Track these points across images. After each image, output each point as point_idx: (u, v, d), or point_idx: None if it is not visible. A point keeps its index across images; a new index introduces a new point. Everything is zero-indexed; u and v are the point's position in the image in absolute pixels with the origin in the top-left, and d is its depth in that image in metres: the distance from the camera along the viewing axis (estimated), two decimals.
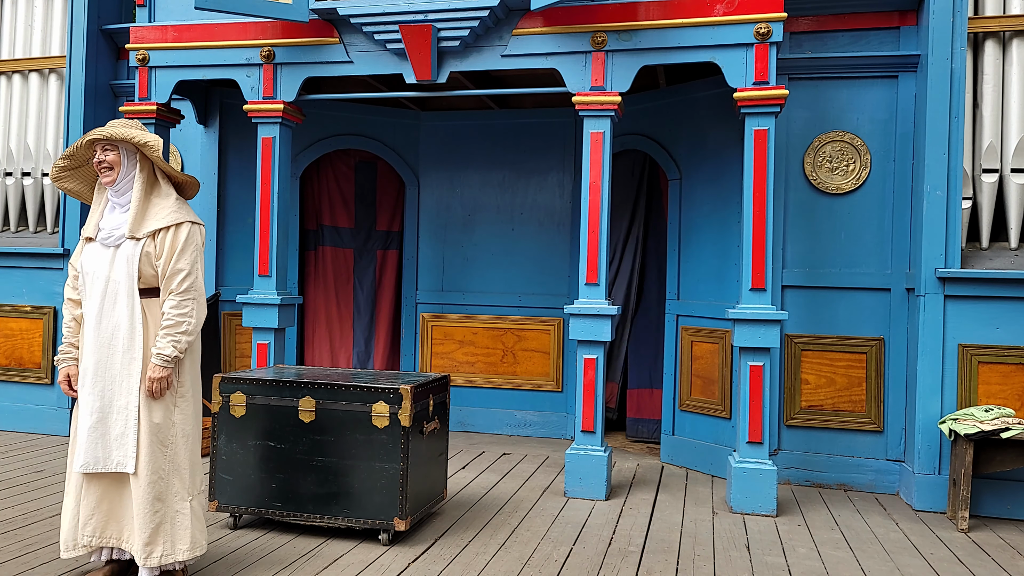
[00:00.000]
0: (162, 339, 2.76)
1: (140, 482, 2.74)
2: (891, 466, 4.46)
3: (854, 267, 4.56)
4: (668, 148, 5.20)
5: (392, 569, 3.12)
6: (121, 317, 2.77)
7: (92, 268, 2.81)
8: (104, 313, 2.77)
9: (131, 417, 2.74)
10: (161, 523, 2.76)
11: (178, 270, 2.79)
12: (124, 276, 2.77)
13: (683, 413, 5.05)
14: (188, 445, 2.86)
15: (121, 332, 2.77)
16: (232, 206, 5.76)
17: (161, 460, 2.78)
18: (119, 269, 2.78)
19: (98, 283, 2.79)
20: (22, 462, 4.67)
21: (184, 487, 2.82)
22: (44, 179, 5.68)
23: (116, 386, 2.76)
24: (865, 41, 4.56)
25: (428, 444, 3.61)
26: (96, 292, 2.79)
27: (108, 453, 2.74)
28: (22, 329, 5.59)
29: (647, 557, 3.34)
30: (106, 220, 2.86)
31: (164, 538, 2.76)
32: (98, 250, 2.82)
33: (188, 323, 2.79)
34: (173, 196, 2.91)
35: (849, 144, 4.57)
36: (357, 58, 4.56)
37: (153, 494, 2.75)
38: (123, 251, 2.79)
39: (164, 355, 2.74)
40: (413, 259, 6.10)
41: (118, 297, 2.78)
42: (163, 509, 2.76)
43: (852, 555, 3.44)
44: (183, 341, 2.78)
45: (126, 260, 2.77)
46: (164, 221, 2.81)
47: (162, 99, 4.86)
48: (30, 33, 5.78)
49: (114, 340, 2.77)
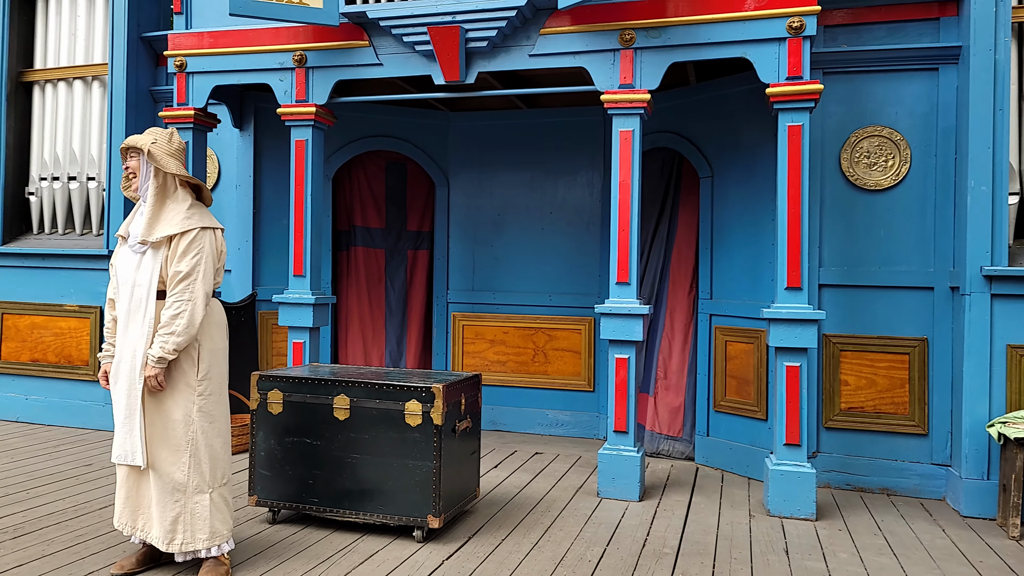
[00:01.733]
0: (156, 340, 2.84)
1: (156, 475, 2.88)
2: (936, 470, 4.35)
3: (894, 265, 4.46)
4: (699, 145, 5.14)
5: (426, 566, 3.14)
6: (140, 319, 2.91)
7: (122, 272, 2.95)
8: (131, 315, 2.90)
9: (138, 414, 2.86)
10: (180, 513, 2.87)
11: (177, 272, 2.86)
12: (146, 281, 2.90)
13: (717, 414, 4.99)
14: (208, 439, 2.93)
15: (140, 334, 2.91)
16: (267, 208, 5.86)
17: (180, 454, 2.88)
18: (143, 274, 2.90)
19: (126, 286, 2.92)
20: (72, 456, 4.82)
21: (204, 480, 2.91)
22: (89, 183, 5.85)
23: (136, 383, 2.88)
24: (903, 33, 4.46)
25: (460, 442, 3.62)
26: (124, 295, 2.92)
27: (131, 447, 2.88)
28: (70, 328, 5.76)
29: (682, 559, 3.31)
30: (134, 226, 2.97)
31: (184, 527, 2.87)
32: (127, 254, 2.95)
33: (178, 324, 2.83)
34: (188, 202, 2.97)
35: (888, 139, 4.46)
36: (387, 60, 4.60)
37: (171, 486, 2.86)
38: (147, 257, 2.91)
39: (152, 355, 2.82)
40: (444, 259, 6.13)
41: (142, 300, 2.90)
42: (182, 499, 2.88)
43: (896, 561, 3.36)
44: (172, 342, 2.82)
45: (149, 266, 2.89)
46: (175, 228, 2.88)
47: (199, 104, 4.96)
48: (74, 42, 5.96)
49: (140, 342, 2.90)
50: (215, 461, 2.95)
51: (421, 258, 6.29)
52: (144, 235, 2.87)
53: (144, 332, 2.86)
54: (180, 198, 2.96)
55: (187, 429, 2.89)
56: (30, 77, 6.04)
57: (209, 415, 2.95)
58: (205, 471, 2.91)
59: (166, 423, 2.88)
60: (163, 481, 2.87)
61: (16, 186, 6.04)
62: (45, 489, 4.09)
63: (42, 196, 5.95)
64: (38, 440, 5.24)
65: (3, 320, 5.90)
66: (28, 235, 6.06)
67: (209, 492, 2.91)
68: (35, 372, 5.83)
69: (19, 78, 6.04)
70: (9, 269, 5.91)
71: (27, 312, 5.86)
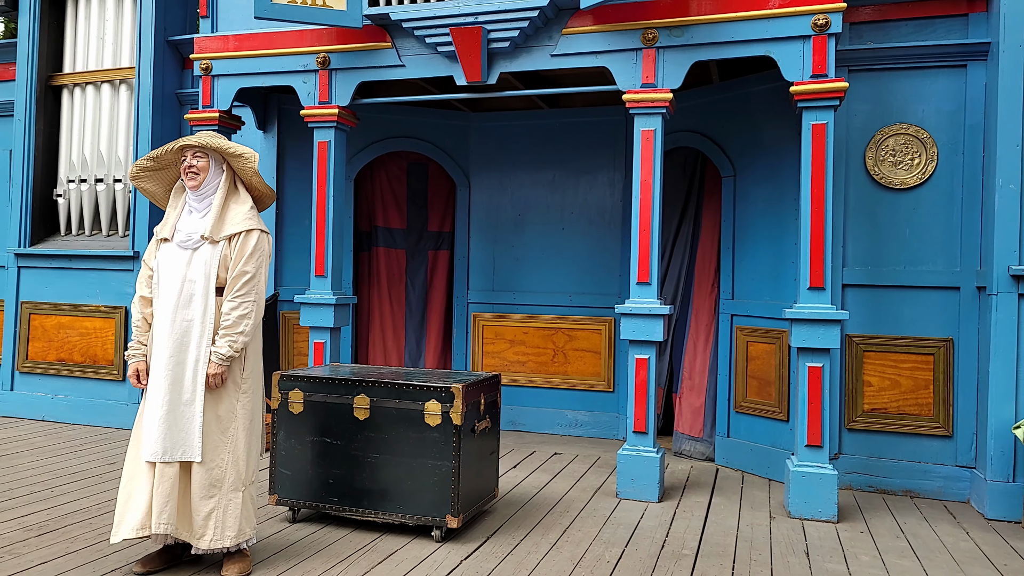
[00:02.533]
0: (220, 339, 2.92)
1: (200, 469, 2.89)
2: (961, 472, 4.28)
3: (920, 265, 4.40)
4: (722, 145, 5.10)
5: (445, 566, 3.15)
6: (195, 315, 2.93)
7: (168, 268, 2.97)
8: (178, 311, 2.93)
9: (197, 409, 2.89)
10: (213, 509, 2.90)
11: (244, 272, 2.96)
12: (201, 277, 2.94)
13: (738, 415, 4.95)
14: (247, 437, 3.00)
15: (194, 329, 2.93)
16: (290, 209, 5.91)
17: (222, 450, 2.93)
18: (196, 270, 2.94)
19: (174, 283, 2.94)
20: (96, 455, 4.90)
21: (239, 477, 2.96)
22: (116, 185, 5.94)
23: (186, 380, 2.90)
24: (931, 30, 4.39)
25: (479, 442, 3.63)
26: (172, 291, 2.94)
27: (176, 443, 2.87)
28: (96, 328, 5.85)
29: (701, 561, 3.29)
30: (184, 223, 3.01)
31: (215, 524, 2.90)
32: (175, 251, 2.98)
33: (246, 324, 2.94)
34: (249, 204, 3.08)
35: (914, 137, 4.40)
36: (409, 61, 4.62)
37: (210, 481, 2.90)
38: (201, 254, 2.95)
39: (221, 354, 2.90)
40: (464, 259, 6.15)
41: (193, 297, 2.93)
42: (217, 495, 2.91)
43: (919, 564, 3.31)
44: (239, 341, 2.93)
45: (204, 262, 2.94)
46: (239, 226, 2.98)
47: (224, 106, 5.02)
48: (102, 46, 6.06)
49: (186, 337, 2.92)
50: (250, 459, 3.01)
51: (442, 258, 6.31)
52: (212, 233, 2.94)
53: (202, 328, 2.91)
54: (242, 199, 3.07)
55: (230, 426, 2.96)
56: (59, 81, 6.15)
57: (249, 413, 3.02)
58: (241, 468, 2.97)
59: (210, 419, 2.93)
60: (202, 477, 2.89)
61: (45, 188, 6.15)
62: (69, 487, 4.16)
63: (69, 198, 6.06)
64: (63, 439, 5.33)
65: (30, 320, 6.01)
66: (55, 236, 6.17)
67: (243, 490, 2.96)
68: (61, 371, 5.93)
69: (48, 82, 6.16)
70: (37, 270, 6.02)
71: (53, 312, 5.96)
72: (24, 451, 4.93)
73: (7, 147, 6.42)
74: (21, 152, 6.03)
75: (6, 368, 6.06)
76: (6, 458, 4.74)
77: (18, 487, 4.11)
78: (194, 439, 2.88)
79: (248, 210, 3.05)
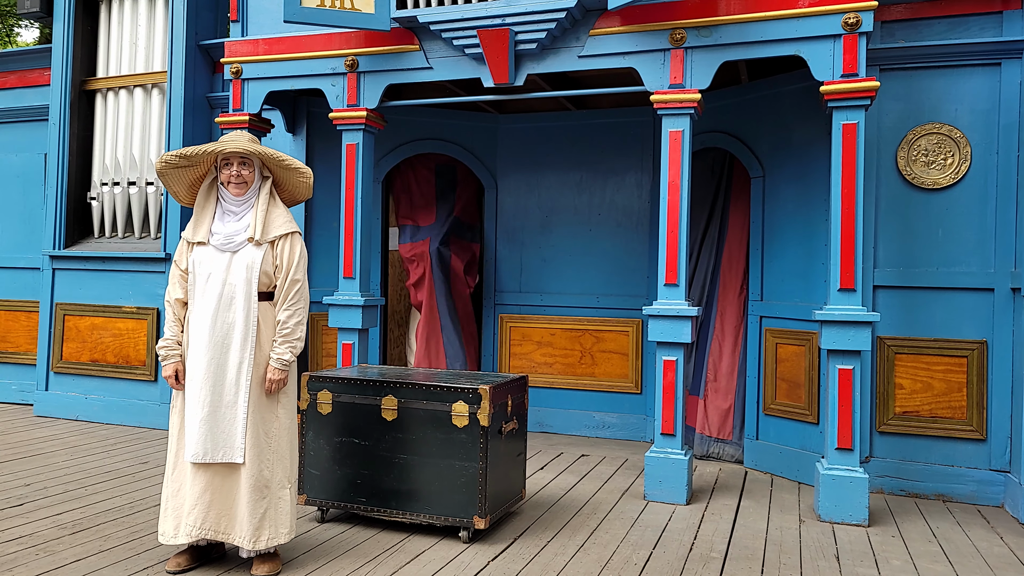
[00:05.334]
0: (280, 345, 3.00)
1: (248, 471, 2.93)
2: (995, 476, 4.21)
3: (953, 266, 4.33)
4: (750, 145, 5.06)
5: (472, 567, 3.16)
6: (236, 317, 2.97)
7: (207, 271, 3.00)
8: (219, 314, 2.96)
9: (241, 411, 2.94)
10: (267, 509, 2.96)
11: (295, 280, 3.04)
12: (243, 280, 2.98)
13: (767, 417, 4.91)
14: (289, 436, 3.07)
15: (236, 331, 2.97)
16: (319, 211, 5.97)
17: (267, 450, 2.98)
18: (237, 273, 2.98)
19: (214, 285, 2.97)
20: (128, 454, 4.98)
21: (285, 475, 3.02)
22: (148, 188, 6.04)
23: (228, 382, 2.95)
24: (964, 28, 4.32)
25: (507, 444, 3.64)
26: (212, 293, 2.97)
27: (217, 444, 2.92)
28: (128, 329, 5.95)
29: (730, 564, 3.27)
30: (220, 226, 3.04)
31: (270, 523, 2.96)
32: (213, 254, 3.01)
33: (301, 330, 3.06)
34: (283, 207, 3.16)
35: (947, 136, 4.34)
36: (436, 64, 4.65)
37: (261, 482, 2.95)
38: (243, 256, 2.99)
39: (284, 360, 2.99)
40: (492, 260, 6.16)
41: (234, 299, 2.97)
42: (268, 495, 2.96)
43: (952, 569, 3.26)
44: (298, 347, 3.04)
45: (246, 265, 2.98)
46: (282, 228, 3.07)
47: (254, 109, 5.09)
48: (134, 51, 6.17)
49: (227, 339, 2.96)
50: (292, 457, 3.09)
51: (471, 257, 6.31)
52: (260, 236, 3.00)
53: (245, 331, 2.96)
54: (278, 202, 3.15)
55: (272, 426, 3.02)
56: (93, 85, 6.27)
57: (290, 413, 3.10)
58: (287, 466, 3.04)
59: (256, 421, 2.97)
60: (254, 479, 2.93)
61: (79, 191, 6.27)
62: (103, 486, 4.23)
63: (103, 201, 6.16)
64: (96, 438, 5.42)
65: (64, 321, 6.13)
66: (89, 239, 6.28)
67: (288, 487, 3.03)
68: (94, 372, 6.03)
69: (82, 86, 6.28)
70: (71, 272, 6.14)
71: (87, 313, 6.08)
72: (59, 450, 5.03)
73: (42, 151, 6.56)
74: (56, 156, 6.16)
75: (41, 368, 6.19)
76: (41, 457, 4.84)
77: (53, 486, 4.20)
78: (236, 440, 2.92)
79: (286, 212, 3.13)
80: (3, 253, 6.74)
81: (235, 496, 2.95)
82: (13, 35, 14.72)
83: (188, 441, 2.93)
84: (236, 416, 2.93)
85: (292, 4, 4.45)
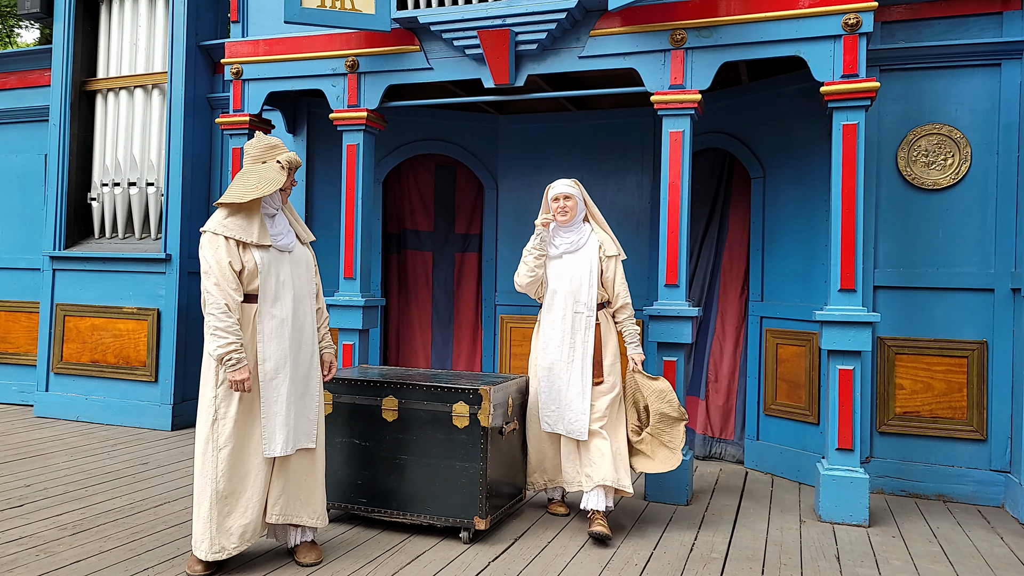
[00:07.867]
0: (327, 334, 3.32)
1: (319, 455, 3.18)
2: (995, 477, 4.21)
3: (953, 266, 4.33)
4: (751, 145, 5.07)
5: (473, 567, 3.16)
6: (307, 315, 3.15)
7: (277, 271, 3.05)
8: (296, 312, 3.09)
9: (311, 400, 3.15)
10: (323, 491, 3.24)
11: (319, 282, 3.32)
12: (307, 279, 3.17)
13: (767, 418, 4.91)
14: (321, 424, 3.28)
15: (307, 327, 3.15)
16: (319, 211, 5.97)
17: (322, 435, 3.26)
18: (301, 272, 3.15)
19: (286, 285, 3.08)
20: (129, 455, 4.98)
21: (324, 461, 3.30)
22: (149, 188, 6.04)
23: (299, 375, 3.11)
24: (964, 28, 4.33)
25: (507, 444, 3.64)
26: (287, 294, 3.07)
27: (299, 435, 3.08)
28: (129, 330, 5.95)
29: (730, 565, 3.27)
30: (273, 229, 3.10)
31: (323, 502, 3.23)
32: (276, 255, 3.07)
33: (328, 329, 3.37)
34: None
35: (947, 137, 4.34)
36: (437, 64, 4.65)
37: (320, 464, 3.20)
38: (298, 257, 3.16)
39: (334, 349, 3.35)
40: (492, 261, 6.16)
41: (304, 297, 3.15)
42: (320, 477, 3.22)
43: (952, 570, 3.26)
44: None
45: (306, 266, 3.18)
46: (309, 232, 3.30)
47: (254, 110, 5.09)
48: (135, 52, 6.17)
49: (302, 335, 3.13)
50: None
51: (469, 260, 6.32)
52: (305, 236, 3.25)
53: (313, 326, 3.19)
54: None
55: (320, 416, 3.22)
56: (93, 86, 6.27)
57: None
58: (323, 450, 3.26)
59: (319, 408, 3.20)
60: (319, 460, 3.17)
61: (79, 192, 6.27)
62: (103, 487, 4.23)
63: (103, 201, 6.16)
64: (96, 439, 5.42)
65: (65, 322, 6.13)
66: (89, 239, 6.28)
67: None
68: (94, 372, 6.03)
69: (83, 87, 6.28)
70: (71, 272, 6.14)
71: (87, 314, 6.07)
72: (59, 451, 5.03)
73: (42, 151, 6.56)
74: (56, 156, 6.16)
75: (41, 369, 6.18)
76: (42, 458, 4.84)
77: (53, 487, 4.20)
78: (311, 428, 3.12)
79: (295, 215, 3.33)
80: (3, 254, 6.74)
81: (304, 479, 3.11)
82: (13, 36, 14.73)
83: (269, 436, 2.99)
84: (308, 406, 3.12)
85: (292, 5, 4.45)
